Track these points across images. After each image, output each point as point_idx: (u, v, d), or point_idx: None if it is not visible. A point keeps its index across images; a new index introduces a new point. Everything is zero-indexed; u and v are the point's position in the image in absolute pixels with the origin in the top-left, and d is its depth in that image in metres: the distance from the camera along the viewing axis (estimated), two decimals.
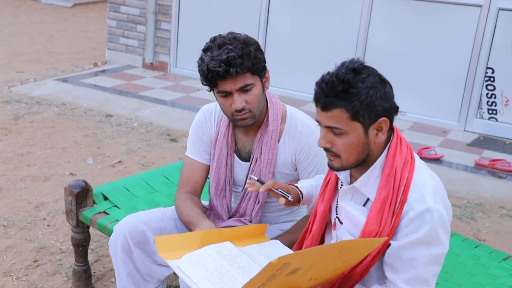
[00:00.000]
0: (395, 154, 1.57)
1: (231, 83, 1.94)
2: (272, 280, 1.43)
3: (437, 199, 1.52)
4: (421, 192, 1.52)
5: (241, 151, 2.17)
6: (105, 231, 2.45)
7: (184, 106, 5.38)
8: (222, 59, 1.90)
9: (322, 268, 1.51)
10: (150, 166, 4.08)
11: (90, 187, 2.56)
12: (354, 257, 1.55)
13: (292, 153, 2.10)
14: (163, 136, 4.71)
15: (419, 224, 1.50)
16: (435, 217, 1.50)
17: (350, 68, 1.54)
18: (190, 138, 2.24)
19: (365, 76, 1.52)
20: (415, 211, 1.51)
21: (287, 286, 1.50)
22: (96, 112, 5.20)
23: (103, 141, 4.54)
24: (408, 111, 5.24)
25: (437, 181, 1.60)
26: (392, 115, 1.56)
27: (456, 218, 3.60)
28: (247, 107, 1.99)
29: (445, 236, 1.54)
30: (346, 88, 1.50)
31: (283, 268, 1.40)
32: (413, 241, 1.52)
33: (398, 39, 5.33)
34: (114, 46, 6.81)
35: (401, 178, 1.55)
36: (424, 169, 1.60)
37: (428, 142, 4.74)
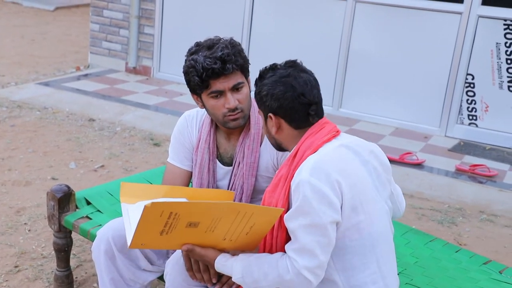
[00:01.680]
0: (303, 141, 1.75)
1: (224, 82, 1.95)
2: (173, 229, 1.58)
3: (314, 173, 1.63)
4: (301, 167, 1.66)
5: (223, 156, 2.18)
6: (88, 236, 2.44)
7: (167, 111, 5.37)
8: (217, 56, 1.92)
9: (230, 229, 1.66)
10: (133, 170, 4.07)
11: (72, 191, 2.54)
12: (260, 224, 1.67)
13: (274, 156, 2.11)
14: (146, 141, 4.69)
15: (296, 196, 1.64)
16: (307, 188, 1.61)
17: (271, 65, 1.80)
18: (171, 144, 2.24)
19: (271, 74, 1.78)
20: (294, 183, 1.65)
21: (203, 241, 1.68)
22: (78, 116, 5.16)
23: (85, 145, 4.51)
24: (390, 117, 5.29)
25: (331, 160, 1.67)
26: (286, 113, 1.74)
27: (437, 223, 3.64)
28: (239, 106, 2.00)
29: (323, 207, 1.61)
30: (256, 80, 1.83)
31: (174, 217, 1.54)
32: (292, 212, 1.64)
33: (380, 45, 5.39)
34: (96, 50, 6.78)
35: (301, 159, 1.70)
36: (325, 151, 1.69)
37: (410, 147, 4.78)
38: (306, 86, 1.74)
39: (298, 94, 1.73)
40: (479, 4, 4.94)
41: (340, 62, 5.49)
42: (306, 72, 1.79)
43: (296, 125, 1.77)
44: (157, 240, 1.63)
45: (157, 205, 1.50)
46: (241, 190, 2.14)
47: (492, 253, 3.29)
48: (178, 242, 1.67)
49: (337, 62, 5.51)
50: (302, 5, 5.66)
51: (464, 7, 4.99)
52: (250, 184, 2.12)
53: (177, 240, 1.66)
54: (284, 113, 1.75)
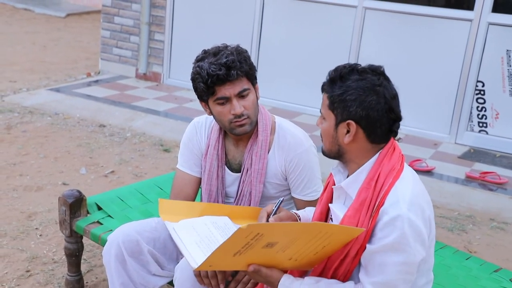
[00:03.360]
0: (382, 161, 1.63)
1: (230, 88, 1.97)
2: (249, 249, 1.53)
3: (412, 208, 1.56)
4: (397, 199, 1.57)
5: (232, 162, 2.19)
6: (99, 241, 2.45)
7: (177, 117, 5.39)
8: (221, 62, 1.94)
9: (302, 249, 1.59)
10: (143, 176, 4.09)
11: (84, 197, 2.56)
12: (333, 244, 1.62)
13: (282, 163, 2.12)
14: (156, 147, 4.72)
15: (391, 229, 1.55)
16: (406, 224, 1.54)
17: (355, 67, 1.65)
18: (181, 151, 2.26)
19: (359, 78, 1.61)
20: (388, 216, 1.56)
21: (268, 260, 1.62)
22: (89, 122, 5.20)
23: (96, 151, 4.54)
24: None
25: (420, 192, 1.64)
26: (370, 125, 1.61)
27: (447, 230, 3.63)
28: (245, 113, 2.02)
29: (418, 245, 1.57)
30: (336, 79, 1.63)
31: (257, 238, 1.49)
32: (384, 246, 1.56)
33: (390, 52, 5.39)
34: (107, 56, 6.82)
35: (384, 184, 1.60)
36: (410, 179, 1.64)
37: (419, 154, 4.77)
38: (396, 100, 1.64)
39: (389, 107, 1.61)
40: (489, 11, 4.94)
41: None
42: (391, 82, 1.67)
43: (374, 139, 1.63)
44: (226, 261, 1.59)
45: (252, 227, 1.45)
46: (249, 197, 2.16)
47: (503, 261, 3.28)
48: (246, 262, 1.62)
49: None
50: (311, 12, 5.67)
51: (474, 14, 4.98)
52: (258, 191, 2.13)
53: (245, 260, 1.61)
54: (368, 125, 1.60)
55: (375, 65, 1.68)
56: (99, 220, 2.55)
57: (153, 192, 2.84)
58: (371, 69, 1.66)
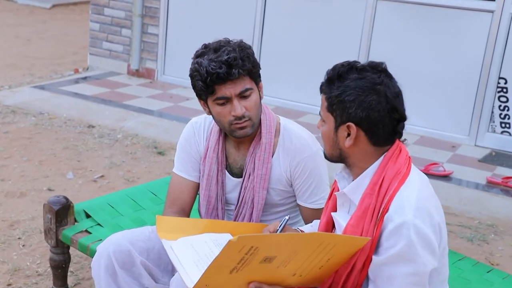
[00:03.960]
0: (386, 164, 1.65)
1: (230, 87, 1.97)
2: (246, 265, 1.53)
3: (418, 214, 1.57)
4: (402, 204, 1.58)
5: (232, 166, 2.19)
6: (87, 252, 2.46)
7: (173, 117, 5.40)
8: (222, 60, 1.94)
9: (305, 263, 1.60)
10: (136, 181, 4.10)
11: (71, 203, 2.57)
12: (338, 256, 1.62)
13: (287, 168, 2.12)
14: (149, 149, 4.72)
15: (397, 238, 1.56)
16: (412, 232, 1.55)
17: (354, 64, 1.66)
18: (177, 153, 2.26)
19: (358, 77, 1.63)
20: (393, 223, 1.57)
21: (270, 277, 1.62)
22: (76, 123, 5.21)
23: (84, 153, 4.55)
24: (414, 124, 5.27)
25: (428, 197, 1.64)
26: (372, 127, 1.62)
27: (466, 240, 3.63)
28: (247, 114, 2.02)
29: (427, 253, 1.58)
30: (333, 79, 1.65)
31: (252, 253, 1.49)
32: (391, 257, 1.57)
33: (403, 46, 5.39)
34: (96, 51, 6.84)
35: (388, 189, 1.61)
36: (416, 183, 1.65)
37: (436, 158, 4.77)
38: (399, 99, 1.65)
39: (391, 107, 1.62)
40: None
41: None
42: (393, 80, 1.68)
43: (377, 141, 1.65)
44: (223, 279, 1.59)
45: (243, 239, 1.45)
46: (252, 204, 2.16)
47: None
48: (245, 280, 1.63)
49: None
50: (318, 3, 5.68)
51: (496, 5, 4.98)
52: (261, 198, 2.13)
53: (244, 278, 1.61)
54: (369, 126, 1.62)
55: (375, 62, 1.69)
56: (87, 229, 2.56)
57: (146, 198, 2.85)
58: (371, 66, 1.67)
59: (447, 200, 4.10)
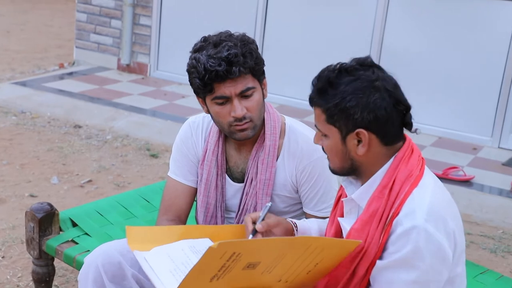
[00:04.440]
0: (397, 166, 1.65)
1: (231, 86, 1.96)
2: (227, 272, 1.56)
3: (431, 219, 1.57)
4: (414, 208, 1.58)
5: (233, 170, 2.19)
6: (74, 264, 2.45)
7: (167, 116, 5.40)
8: (222, 56, 1.93)
9: (291, 268, 1.63)
10: (127, 186, 4.09)
11: (56, 211, 2.56)
12: (327, 260, 1.64)
13: (293, 173, 2.11)
14: (141, 151, 4.72)
15: (404, 242, 1.56)
16: (422, 237, 1.54)
17: (342, 67, 1.66)
18: (173, 155, 2.25)
19: (352, 79, 1.63)
20: (402, 227, 1.57)
21: (254, 284, 1.64)
22: (61, 122, 5.21)
23: (70, 156, 4.54)
24: (431, 124, 5.27)
25: (442, 201, 1.64)
26: (382, 127, 1.63)
27: (489, 252, 3.62)
28: (248, 116, 2.01)
29: (437, 262, 1.57)
30: (325, 88, 1.65)
31: (234, 259, 1.52)
32: (395, 261, 1.58)
33: (420, 39, 5.38)
34: (83, 44, 6.84)
35: (399, 192, 1.62)
36: (430, 186, 1.65)
37: (456, 161, 4.76)
38: (398, 89, 1.66)
39: (395, 100, 1.63)
40: None
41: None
42: (384, 71, 1.70)
43: (388, 140, 1.66)
44: None
45: (223, 245, 1.47)
46: (254, 211, 2.15)
47: None
48: (227, 287, 1.65)
49: None
50: None
51: None
52: (264, 205, 2.12)
53: (226, 285, 1.63)
54: (379, 127, 1.63)
55: (361, 58, 1.70)
56: (73, 239, 2.55)
57: (138, 205, 2.85)
58: (359, 64, 1.67)
59: (467, 208, 4.09)
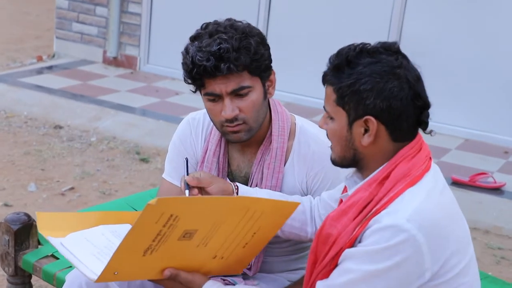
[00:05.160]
0: (398, 161, 1.67)
1: (221, 84, 1.97)
2: (163, 243, 1.66)
3: (414, 219, 1.57)
4: (398, 208, 1.60)
5: (236, 174, 2.19)
6: (54, 282, 2.45)
7: (159, 115, 5.40)
8: (211, 50, 1.93)
9: (228, 240, 1.74)
10: (113, 194, 4.10)
11: (34, 222, 2.56)
12: (264, 229, 1.74)
13: (303, 179, 2.11)
14: (130, 155, 4.73)
15: (377, 238, 1.57)
16: (400, 238, 1.55)
17: (364, 47, 1.70)
18: (169, 155, 2.26)
19: (372, 61, 1.66)
20: (379, 224, 1.58)
21: (188, 261, 1.77)
22: (40, 122, 5.21)
23: (49, 161, 4.55)
24: (457, 124, 5.27)
25: (437, 205, 1.64)
26: (394, 119, 1.65)
27: None
28: (241, 117, 2.01)
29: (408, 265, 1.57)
30: (342, 66, 1.69)
31: (171, 224, 1.62)
32: (362, 252, 1.59)
33: (443, 31, 5.38)
34: (64, 34, 6.84)
35: (391, 189, 1.64)
36: (427, 188, 1.65)
37: (485, 166, 4.75)
38: (421, 83, 1.68)
39: (414, 93, 1.65)
40: None
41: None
42: (410, 61, 1.72)
43: (398, 136, 1.68)
44: (135, 264, 1.71)
45: (163, 202, 1.57)
46: None
47: None
48: (160, 265, 1.76)
49: None
50: None
51: None
52: None
53: (160, 262, 1.74)
54: (391, 119, 1.65)
55: (388, 42, 1.73)
56: (54, 254, 2.55)
57: None
58: (384, 47, 1.71)
59: (497, 219, 4.09)
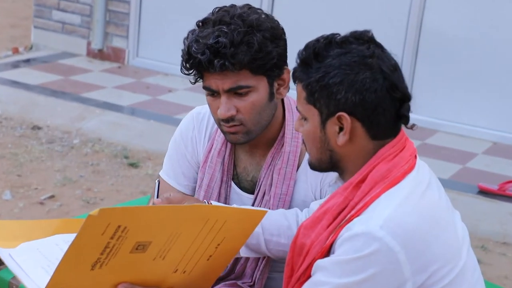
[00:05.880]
0: (376, 162, 1.69)
1: (218, 80, 1.98)
2: (112, 256, 1.64)
3: (388, 225, 1.58)
4: (372, 214, 1.61)
5: (242, 178, 2.20)
6: None
7: (150, 115, 5.37)
8: (208, 43, 1.94)
9: (188, 251, 1.72)
10: (98, 203, 4.10)
11: None
12: (229, 240, 1.73)
13: (316, 186, 2.11)
14: (117, 159, 4.73)
15: (348, 248, 1.59)
16: (373, 247, 1.56)
17: (333, 38, 1.74)
18: (169, 152, 2.27)
19: (341, 51, 1.68)
20: (351, 231, 1.60)
21: (146, 276, 1.74)
22: (16, 122, 5.21)
23: (26, 165, 4.56)
24: (484, 126, 5.27)
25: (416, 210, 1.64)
26: (369, 114, 1.67)
27: None
28: (238, 118, 2.01)
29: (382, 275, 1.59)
30: (309, 60, 1.70)
31: (120, 236, 1.59)
32: (333, 262, 1.62)
33: (468, 21, 5.37)
34: (44, 23, 6.85)
35: (368, 193, 1.65)
36: (405, 191, 1.66)
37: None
38: (397, 72, 1.70)
39: (390, 84, 1.67)
40: None
41: (408, 46, 5.49)
42: (385, 51, 1.74)
43: (377, 133, 1.70)
44: (84, 280, 1.69)
45: (105, 212, 1.54)
46: None
47: None
48: (113, 280, 1.73)
49: (403, 46, 5.51)
50: None
51: None
52: None
53: (112, 277, 1.71)
54: (366, 113, 1.67)
55: (359, 31, 1.75)
56: None
57: None
58: (354, 37, 1.73)
59: None
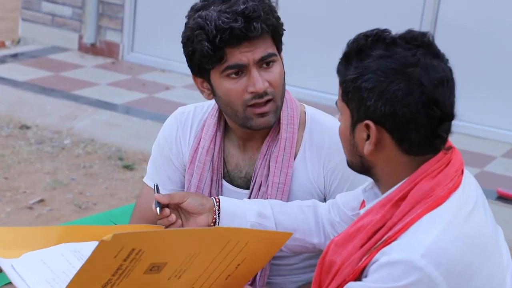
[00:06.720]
0: (418, 179, 1.65)
1: (248, 51, 2.01)
2: (124, 277, 1.63)
3: (430, 254, 1.56)
4: (412, 239, 1.58)
5: (234, 176, 2.21)
6: None
7: (146, 114, 5.41)
8: (238, 10, 1.98)
9: (206, 272, 1.71)
10: (91, 208, 4.12)
11: None
12: (251, 260, 1.72)
13: (319, 175, 2.13)
14: (111, 161, 4.75)
15: (385, 275, 1.57)
16: (413, 278, 1.54)
17: (382, 35, 1.68)
18: (152, 156, 2.29)
19: (383, 54, 1.63)
20: (388, 257, 1.58)
21: None
22: (3, 121, 5.23)
23: (14, 167, 4.57)
24: (503, 127, 5.27)
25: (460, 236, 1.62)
26: (399, 128, 1.63)
27: None
28: (270, 91, 2.05)
29: None
30: (351, 55, 1.67)
31: (134, 258, 1.58)
32: (365, 286, 1.61)
33: (486, 15, 5.38)
34: (32, 15, 6.86)
35: (408, 213, 1.62)
36: (451, 214, 1.63)
37: None
38: (443, 87, 1.61)
39: (428, 99, 1.59)
40: None
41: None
42: (441, 59, 1.65)
43: (409, 148, 1.65)
44: None
45: (119, 238, 1.53)
46: None
47: None
48: None
49: None
50: None
51: None
52: None
53: None
54: (396, 127, 1.62)
55: (415, 32, 1.67)
56: None
57: None
58: (406, 38, 1.66)
59: None
